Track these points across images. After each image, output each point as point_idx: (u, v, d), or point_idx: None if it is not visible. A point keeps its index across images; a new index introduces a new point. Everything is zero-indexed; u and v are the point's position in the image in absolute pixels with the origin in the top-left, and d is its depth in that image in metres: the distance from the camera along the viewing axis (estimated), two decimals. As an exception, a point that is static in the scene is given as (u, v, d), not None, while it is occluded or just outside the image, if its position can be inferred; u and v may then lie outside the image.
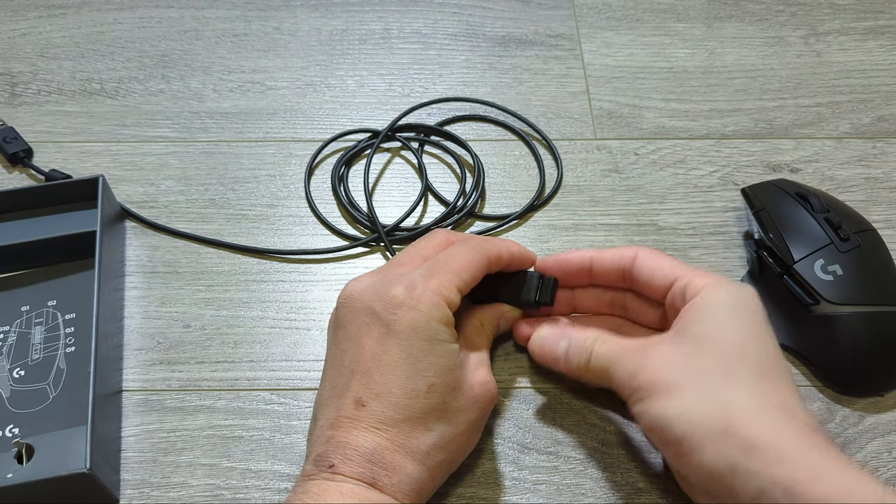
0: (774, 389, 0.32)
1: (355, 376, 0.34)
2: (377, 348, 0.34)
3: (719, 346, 0.33)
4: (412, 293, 0.35)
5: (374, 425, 0.33)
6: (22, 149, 0.50)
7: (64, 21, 0.59)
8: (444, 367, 0.34)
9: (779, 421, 0.31)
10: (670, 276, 0.37)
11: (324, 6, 0.60)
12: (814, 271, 0.40)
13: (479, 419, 0.36)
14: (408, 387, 0.34)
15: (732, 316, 0.34)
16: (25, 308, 0.44)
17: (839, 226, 0.41)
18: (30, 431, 0.39)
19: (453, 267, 0.36)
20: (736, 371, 0.32)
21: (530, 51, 0.58)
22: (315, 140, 0.52)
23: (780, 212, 0.43)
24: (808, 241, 0.41)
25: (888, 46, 0.58)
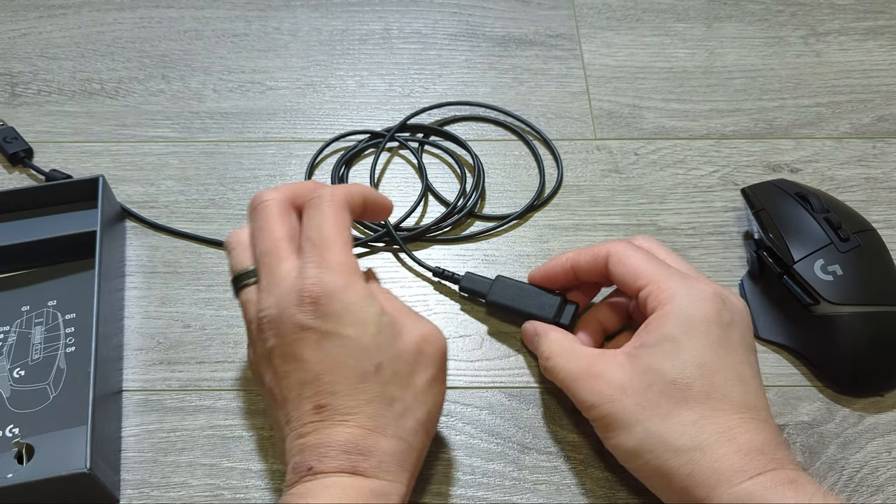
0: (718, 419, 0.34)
1: (306, 386, 0.34)
2: (317, 355, 0.34)
3: (667, 379, 0.34)
4: (322, 285, 0.34)
5: (339, 420, 0.33)
6: (22, 149, 0.50)
7: (64, 21, 0.59)
8: (384, 342, 0.34)
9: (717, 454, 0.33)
10: (637, 282, 0.38)
11: (324, 6, 0.61)
12: (814, 271, 0.40)
13: (437, 373, 0.36)
14: (358, 374, 0.34)
15: (688, 340, 0.35)
16: (25, 308, 0.44)
17: (839, 226, 0.41)
18: (30, 431, 0.39)
19: (330, 238, 0.35)
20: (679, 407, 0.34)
21: (530, 51, 0.58)
22: (315, 140, 0.52)
23: (780, 212, 0.43)
24: (807, 242, 0.41)
25: (888, 46, 0.58)
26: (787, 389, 0.42)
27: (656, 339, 0.35)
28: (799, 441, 0.40)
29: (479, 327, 0.44)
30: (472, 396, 0.42)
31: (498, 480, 0.39)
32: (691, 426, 0.33)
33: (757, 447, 0.33)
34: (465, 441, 0.40)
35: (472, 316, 0.45)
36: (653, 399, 0.34)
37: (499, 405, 0.41)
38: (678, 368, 0.34)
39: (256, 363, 0.36)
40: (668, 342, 0.35)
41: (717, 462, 0.32)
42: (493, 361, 0.43)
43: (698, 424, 0.33)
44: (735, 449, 0.33)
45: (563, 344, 0.39)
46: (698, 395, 0.34)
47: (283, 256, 0.36)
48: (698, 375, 0.34)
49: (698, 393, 0.34)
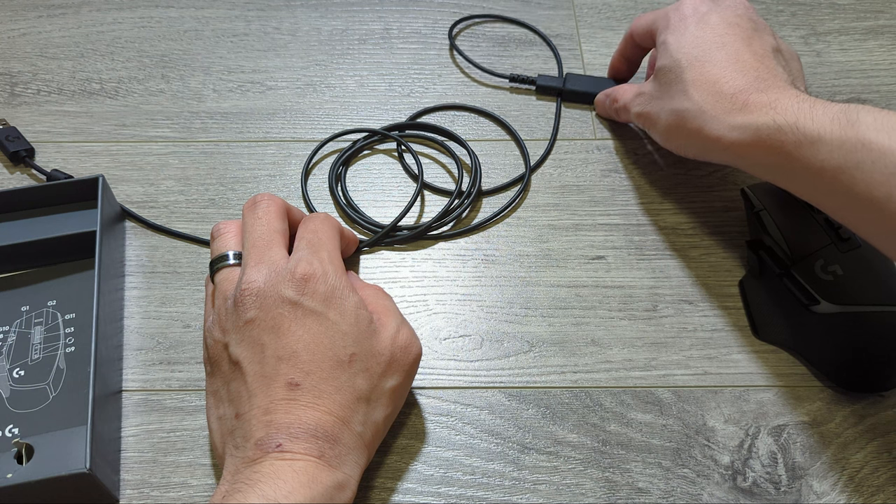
0: (707, 80, 0.42)
1: (282, 362, 0.34)
2: (299, 331, 0.35)
3: (663, 71, 0.44)
4: (313, 267, 0.36)
5: (310, 402, 0.34)
6: (24, 148, 0.50)
7: (64, 21, 0.59)
8: (362, 335, 0.36)
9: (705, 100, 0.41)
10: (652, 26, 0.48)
11: (324, 6, 0.60)
12: (814, 272, 0.40)
13: (403, 381, 0.37)
14: (333, 359, 0.35)
15: (673, 38, 0.44)
16: (25, 308, 0.44)
17: (839, 226, 0.41)
18: (30, 431, 0.39)
19: (325, 241, 0.38)
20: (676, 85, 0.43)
21: (530, 51, 0.58)
22: (315, 140, 0.52)
23: (780, 212, 0.43)
24: (807, 242, 0.41)
25: (888, 46, 0.58)
26: (787, 390, 0.42)
27: (658, 51, 0.46)
28: (799, 441, 0.40)
29: (479, 327, 0.44)
30: (472, 396, 0.42)
31: (498, 480, 0.39)
32: (689, 96, 0.42)
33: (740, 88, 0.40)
34: (465, 441, 0.40)
35: (472, 316, 0.45)
36: (662, 88, 0.44)
37: (499, 405, 0.41)
38: (667, 60, 0.44)
39: (222, 336, 0.36)
40: (662, 46, 0.45)
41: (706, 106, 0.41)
42: (492, 361, 0.43)
43: (692, 89, 0.42)
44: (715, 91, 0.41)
45: (625, 90, 0.50)
46: (688, 69, 0.42)
47: (276, 245, 0.38)
48: (684, 57, 0.43)
49: (687, 67, 0.42)
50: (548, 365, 0.43)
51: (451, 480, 0.39)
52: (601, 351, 0.43)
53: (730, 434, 0.40)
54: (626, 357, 0.43)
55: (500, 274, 0.46)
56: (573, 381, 0.42)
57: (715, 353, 0.43)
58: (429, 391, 0.42)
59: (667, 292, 0.45)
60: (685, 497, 0.38)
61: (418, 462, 0.40)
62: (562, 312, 0.45)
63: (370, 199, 0.50)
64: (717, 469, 0.39)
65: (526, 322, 0.44)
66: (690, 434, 0.40)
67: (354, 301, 0.36)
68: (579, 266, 0.47)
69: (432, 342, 0.44)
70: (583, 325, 0.44)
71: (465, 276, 0.46)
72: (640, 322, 0.44)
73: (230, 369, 0.36)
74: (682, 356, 0.43)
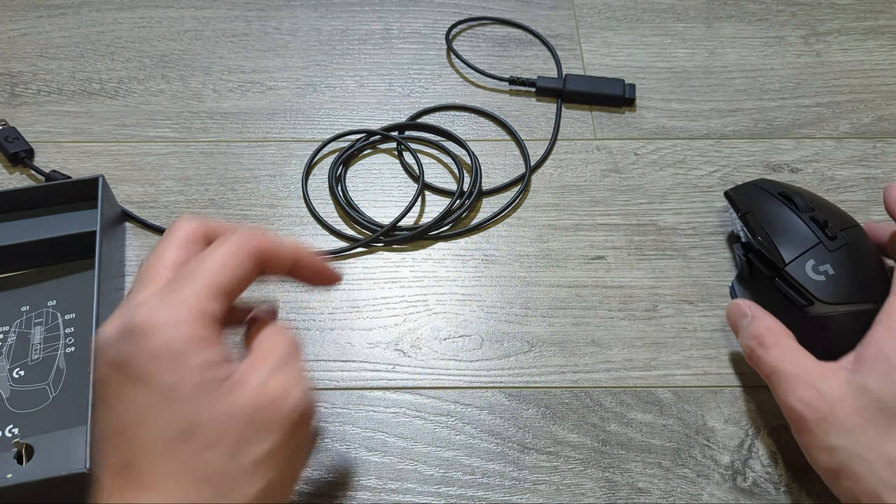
0: None
1: (108, 440, 0.29)
2: (121, 403, 0.28)
3: (878, 405, 0.33)
4: (149, 317, 0.29)
5: (143, 487, 0.28)
6: (23, 149, 0.50)
7: (64, 21, 0.59)
8: (204, 399, 0.28)
9: None
10: None
11: (324, 6, 0.60)
12: (805, 272, 0.40)
13: (279, 444, 0.29)
14: (171, 434, 0.28)
15: None
16: (25, 308, 0.44)
17: (826, 224, 0.41)
18: (30, 431, 0.39)
19: (205, 274, 0.30)
20: (887, 435, 0.33)
21: (530, 51, 0.58)
22: (315, 140, 0.52)
23: (766, 213, 0.42)
24: (796, 242, 0.41)
25: (888, 46, 0.58)
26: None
27: (873, 355, 0.34)
28: (799, 441, 0.40)
29: (479, 327, 0.44)
30: (472, 396, 0.42)
31: (498, 480, 0.39)
32: None
33: None
34: (465, 441, 0.40)
35: (472, 316, 0.45)
36: (861, 425, 0.33)
37: (499, 405, 0.41)
38: (890, 392, 0.33)
39: None
40: (885, 361, 0.34)
41: None
42: (492, 361, 0.43)
43: None
44: None
45: (782, 338, 0.38)
46: None
47: (151, 282, 0.31)
48: None
49: None
50: (548, 365, 0.43)
51: (451, 480, 0.39)
52: (601, 351, 0.43)
53: (730, 434, 0.40)
54: (626, 357, 0.43)
55: (500, 274, 0.46)
56: (573, 381, 0.42)
57: (715, 353, 0.43)
58: (429, 391, 0.42)
59: (667, 292, 0.45)
60: (685, 497, 0.38)
61: (418, 462, 0.40)
62: (562, 312, 0.45)
63: (370, 199, 0.50)
64: (717, 469, 0.39)
65: (526, 322, 0.44)
66: (690, 434, 0.40)
67: (200, 359, 0.28)
68: (579, 266, 0.47)
69: (432, 342, 0.44)
70: (583, 325, 0.44)
71: (465, 276, 0.46)
72: (640, 322, 0.44)
73: None
74: (682, 356, 0.43)
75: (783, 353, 0.37)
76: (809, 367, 0.36)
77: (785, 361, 0.37)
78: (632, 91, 0.54)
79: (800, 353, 0.37)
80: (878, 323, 0.36)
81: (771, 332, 0.38)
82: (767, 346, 0.38)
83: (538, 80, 0.55)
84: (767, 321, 0.39)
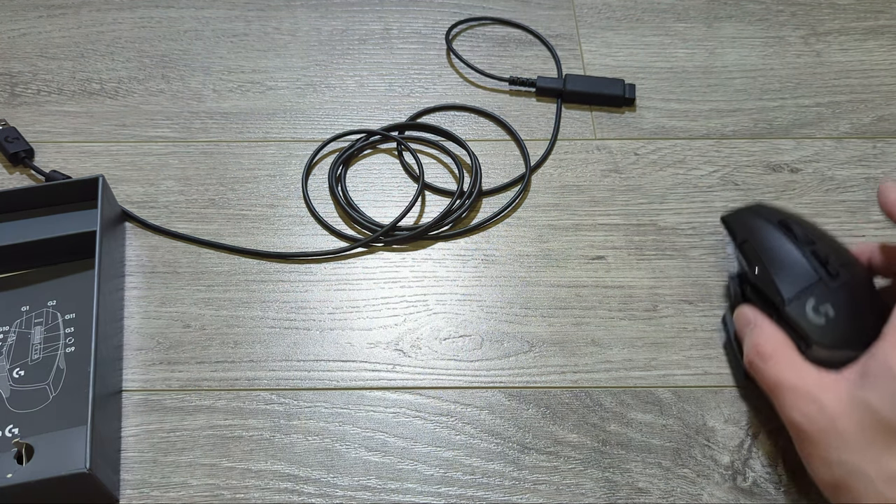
0: None
1: None
2: None
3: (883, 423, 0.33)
4: None
5: None
6: (23, 149, 0.50)
7: (64, 21, 0.59)
8: None
9: None
10: None
11: (324, 6, 0.60)
12: (805, 313, 0.37)
13: None
14: None
15: None
16: (25, 308, 0.44)
17: (827, 260, 0.38)
18: (30, 431, 0.39)
19: None
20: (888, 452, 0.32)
21: (530, 51, 0.58)
22: (315, 140, 0.52)
23: (765, 244, 0.40)
24: (796, 278, 0.38)
25: (888, 46, 0.58)
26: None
27: (879, 370, 0.33)
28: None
29: (479, 327, 0.44)
30: (472, 396, 0.42)
31: (498, 480, 0.39)
32: None
33: None
34: (465, 441, 0.40)
35: (472, 316, 0.45)
36: (862, 440, 0.33)
37: (499, 405, 0.41)
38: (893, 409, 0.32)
39: None
40: (889, 377, 0.33)
41: None
42: (492, 361, 0.43)
43: None
44: None
45: (781, 348, 0.37)
46: None
47: None
48: None
49: None
50: (548, 365, 0.43)
51: (451, 480, 0.39)
52: (601, 351, 0.43)
53: (730, 434, 0.40)
54: (626, 357, 0.43)
55: (500, 274, 0.46)
56: (573, 381, 0.42)
57: (715, 353, 0.43)
58: (429, 391, 0.42)
59: (667, 292, 0.45)
60: (685, 497, 0.38)
61: (418, 462, 0.40)
62: (562, 312, 0.45)
63: (370, 199, 0.50)
64: (717, 469, 0.39)
65: (526, 322, 0.44)
66: (690, 434, 0.40)
67: None
68: (579, 266, 0.47)
69: (432, 342, 0.44)
70: (583, 325, 0.44)
71: (465, 276, 0.46)
72: (640, 322, 0.44)
73: None
74: (682, 356, 0.43)
75: (783, 365, 0.36)
76: (810, 379, 0.35)
77: (785, 373, 0.36)
78: (632, 91, 0.54)
79: (800, 364, 0.36)
80: (884, 336, 0.34)
81: (771, 342, 0.37)
82: (767, 357, 0.37)
83: (538, 80, 0.55)
84: (768, 330, 0.38)
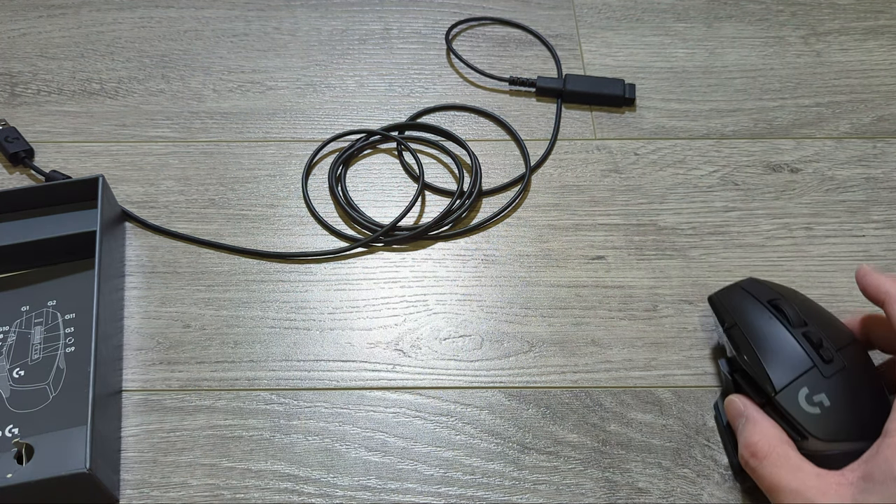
0: None
1: None
2: None
3: None
4: None
5: None
6: (23, 149, 0.50)
7: (64, 21, 0.59)
8: None
9: None
10: None
11: (324, 6, 0.60)
12: (798, 403, 0.35)
13: None
14: None
15: None
16: (25, 308, 0.44)
17: (820, 343, 0.36)
18: (30, 431, 0.39)
19: None
20: None
21: (530, 51, 0.58)
22: (315, 140, 0.52)
23: (754, 327, 0.38)
24: (788, 365, 0.36)
25: (888, 46, 0.58)
26: None
27: (883, 474, 0.31)
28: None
29: (479, 327, 0.44)
30: (472, 396, 0.42)
31: (498, 480, 0.39)
32: None
33: None
34: (465, 441, 0.40)
35: (472, 316, 0.45)
36: None
37: (499, 405, 0.41)
38: None
39: None
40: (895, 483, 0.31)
41: None
42: (492, 361, 0.43)
43: None
44: None
45: (777, 447, 0.35)
46: None
47: None
48: None
49: None
50: (548, 365, 0.43)
51: (451, 480, 0.39)
52: (601, 351, 0.43)
53: (730, 434, 0.40)
54: (626, 357, 0.43)
55: (500, 274, 0.46)
56: (573, 381, 0.42)
57: (715, 353, 0.43)
58: (429, 391, 0.42)
59: (667, 292, 0.45)
60: (685, 497, 0.38)
61: (418, 462, 0.40)
62: (562, 312, 0.45)
63: (370, 199, 0.50)
64: (717, 469, 0.39)
65: (526, 322, 0.44)
66: (690, 434, 0.40)
67: None
68: (579, 266, 0.47)
69: (432, 342, 0.44)
70: (583, 325, 0.44)
71: (465, 276, 0.46)
72: (640, 322, 0.44)
73: None
74: (682, 356, 0.43)
75: (780, 466, 0.34)
76: (811, 482, 0.33)
77: (783, 476, 0.34)
78: (632, 91, 0.54)
79: (798, 464, 0.34)
80: (887, 434, 0.32)
81: (765, 439, 0.35)
82: (762, 457, 0.35)
83: (538, 80, 0.55)
84: (761, 426, 0.36)
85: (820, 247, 0.47)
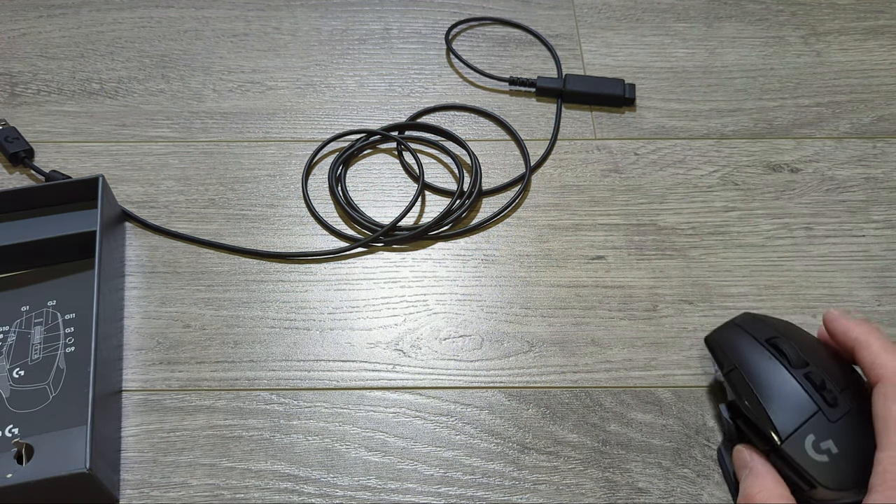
0: None
1: None
2: None
3: None
4: None
5: None
6: (23, 149, 0.50)
7: (64, 21, 0.59)
8: None
9: None
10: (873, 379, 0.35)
11: (324, 6, 0.60)
12: (806, 451, 0.34)
13: None
14: None
15: None
16: (25, 308, 0.44)
17: (823, 385, 0.36)
18: (30, 431, 0.39)
19: None
20: None
21: (530, 51, 0.58)
22: (315, 140, 0.52)
23: (754, 371, 0.37)
24: (792, 411, 0.35)
25: (888, 46, 0.58)
26: None
27: None
28: None
29: (479, 327, 0.44)
30: (472, 396, 0.42)
31: (498, 480, 0.39)
32: None
33: None
34: (465, 441, 0.40)
35: (472, 316, 0.45)
36: None
37: (499, 405, 0.41)
38: None
39: None
40: None
41: None
42: (493, 361, 0.43)
43: None
44: None
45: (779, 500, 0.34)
46: None
47: None
48: None
49: None
50: (548, 365, 0.43)
51: (451, 480, 0.39)
52: (601, 351, 0.43)
53: (730, 434, 0.40)
54: (626, 357, 0.43)
55: (500, 274, 0.46)
56: (573, 381, 0.42)
57: (715, 353, 0.43)
58: (429, 391, 0.42)
59: (667, 292, 0.45)
60: (685, 497, 0.38)
61: (418, 462, 0.40)
62: (562, 312, 0.45)
63: (370, 199, 0.50)
64: (717, 469, 0.39)
65: (526, 322, 0.44)
66: (690, 434, 0.40)
67: None
68: (579, 266, 0.47)
69: (432, 342, 0.44)
70: (583, 325, 0.44)
71: (465, 276, 0.46)
72: (640, 322, 0.44)
73: None
74: (682, 356, 0.43)
75: None
76: None
77: None
78: (632, 91, 0.54)
79: None
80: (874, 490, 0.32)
81: (765, 492, 0.35)
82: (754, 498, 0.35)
83: (538, 80, 0.55)
84: (763, 480, 0.35)
85: (820, 247, 0.47)
